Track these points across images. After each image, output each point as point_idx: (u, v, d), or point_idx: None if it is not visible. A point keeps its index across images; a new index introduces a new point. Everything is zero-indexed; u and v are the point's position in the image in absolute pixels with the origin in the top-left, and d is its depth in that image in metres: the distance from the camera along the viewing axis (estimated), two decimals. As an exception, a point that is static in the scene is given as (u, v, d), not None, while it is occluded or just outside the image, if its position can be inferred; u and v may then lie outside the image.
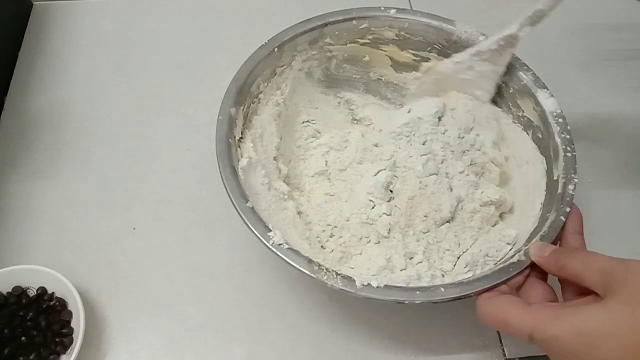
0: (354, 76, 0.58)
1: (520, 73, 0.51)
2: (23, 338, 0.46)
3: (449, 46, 0.53)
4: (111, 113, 0.60)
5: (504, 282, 0.41)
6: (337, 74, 0.58)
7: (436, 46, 0.54)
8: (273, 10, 0.68)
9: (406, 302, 0.40)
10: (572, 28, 0.69)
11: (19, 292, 0.47)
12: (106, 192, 0.55)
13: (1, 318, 0.46)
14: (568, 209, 0.44)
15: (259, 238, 0.41)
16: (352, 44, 0.55)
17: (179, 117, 0.60)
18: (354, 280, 0.40)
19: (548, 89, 0.50)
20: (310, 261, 0.41)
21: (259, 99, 0.51)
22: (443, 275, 0.46)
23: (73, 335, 0.45)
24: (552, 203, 0.45)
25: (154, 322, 0.49)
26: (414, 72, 0.56)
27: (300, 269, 0.40)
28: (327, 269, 0.41)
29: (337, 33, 0.53)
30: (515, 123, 0.53)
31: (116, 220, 0.53)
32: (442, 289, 0.40)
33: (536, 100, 0.50)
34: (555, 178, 0.46)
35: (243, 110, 0.49)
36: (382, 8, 0.53)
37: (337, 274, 0.40)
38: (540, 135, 0.50)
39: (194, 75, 0.63)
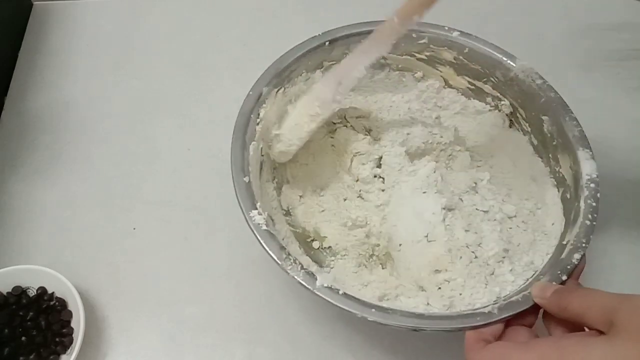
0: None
1: (569, 126, 0.47)
2: (23, 338, 0.46)
3: (504, 82, 0.51)
4: (111, 113, 0.60)
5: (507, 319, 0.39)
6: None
7: (492, 79, 0.52)
8: (273, 10, 0.68)
9: (358, 315, 0.39)
10: (572, 28, 0.69)
11: (19, 292, 0.47)
12: (106, 192, 0.55)
13: (1, 318, 0.46)
14: (564, 278, 0.40)
15: (243, 213, 0.41)
16: (408, 57, 0.53)
17: (179, 117, 0.60)
18: (316, 278, 0.39)
19: (591, 150, 0.46)
20: (282, 248, 0.40)
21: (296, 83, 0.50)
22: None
23: (73, 335, 0.45)
24: (552, 266, 0.42)
25: (154, 322, 0.49)
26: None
27: (269, 251, 0.40)
28: (295, 259, 0.40)
29: None
30: (550, 177, 0.50)
31: (116, 220, 0.53)
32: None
33: (575, 158, 0.46)
34: (564, 242, 0.43)
35: (277, 92, 0.48)
36: (446, 28, 0.51)
37: (302, 267, 0.40)
38: (568, 196, 0.47)
39: (193, 75, 0.63)
